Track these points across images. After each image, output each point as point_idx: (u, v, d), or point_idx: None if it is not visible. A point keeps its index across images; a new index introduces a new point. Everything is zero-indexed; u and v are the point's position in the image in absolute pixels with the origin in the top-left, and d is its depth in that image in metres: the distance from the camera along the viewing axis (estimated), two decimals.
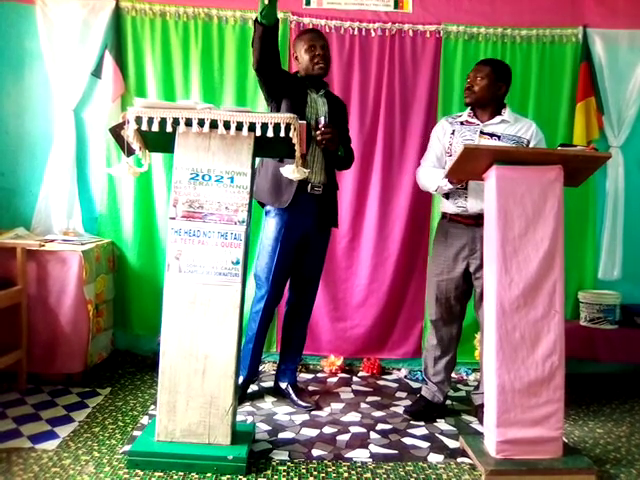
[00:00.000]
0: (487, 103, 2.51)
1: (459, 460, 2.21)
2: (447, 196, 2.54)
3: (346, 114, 2.78)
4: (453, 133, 2.55)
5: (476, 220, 2.45)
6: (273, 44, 2.31)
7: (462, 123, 2.56)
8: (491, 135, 2.49)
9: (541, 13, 3.19)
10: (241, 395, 2.63)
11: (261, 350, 2.74)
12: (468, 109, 2.58)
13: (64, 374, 2.76)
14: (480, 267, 2.44)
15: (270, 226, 2.57)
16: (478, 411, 2.57)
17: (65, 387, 2.72)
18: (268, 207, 2.60)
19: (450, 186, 2.43)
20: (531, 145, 2.48)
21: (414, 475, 2.08)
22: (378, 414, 2.63)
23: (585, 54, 3.17)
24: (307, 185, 2.51)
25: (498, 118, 2.51)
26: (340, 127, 2.61)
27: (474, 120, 2.54)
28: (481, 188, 2.41)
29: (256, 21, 2.22)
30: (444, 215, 2.60)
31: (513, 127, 2.50)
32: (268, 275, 2.56)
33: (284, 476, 2.03)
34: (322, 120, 2.44)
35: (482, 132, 2.50)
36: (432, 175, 2.53)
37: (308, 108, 2.52)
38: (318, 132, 2.41)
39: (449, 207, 2.54)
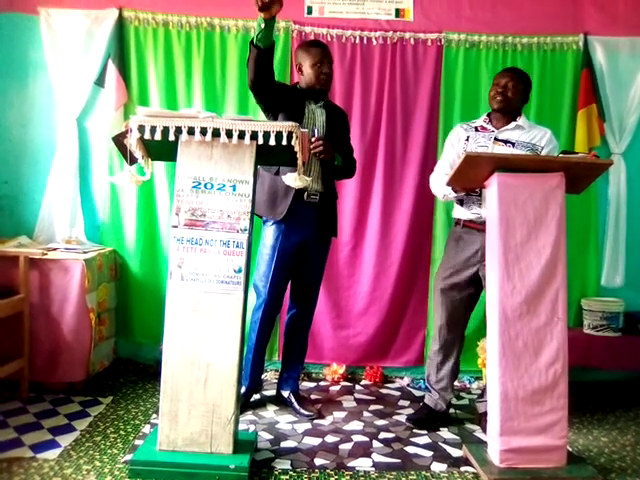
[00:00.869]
0: (513, 111, 2.52)
1: (462, 469, 2.19)
2: (461, 203, 2.54)
3: (347, 124, 2.78)
4: (467, 139, 2.55)
5: None
6: (268, 65, 2.32)
7: (477, 129, 2.56)
8: (505, 142, 2.49)
9: (542, 21, 3.21)
10: (243, 404, 2.62)
11: (262, 360, 2.74)
12: (484, 115, 2.59)
13: (66, 383, 2.75)
14: None
15: (268, 235, 2.57)
16: (481, 419, 2.55)
17: (67, 396, 2.71)
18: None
19: (454, 194, 2.43)
20: (543, 151, 2.48)
21: None
22: (381, 423, 2.62)
23: (586, 61, 3.18)
24: (304, 193, 2.52)
25: (513, 124, 2.51)
26: (339, 137, 2.62)
27: (489, 126, 2.54)
28: None
29: (252, 43, 2.24)
30: (457, 221, 2.59)
31: (528, 134, 2.50)
32: (266, 284, 2.57)
33: None
34: (315, 132, 2.45)
35: (496, 139, 2.50)
36: (439, 183, 2.55)
37: (305, 120, 2.53)
38: (312, 145, 2.41)
39: (463, 213, 2.54)
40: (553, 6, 3.22)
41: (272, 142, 2.02)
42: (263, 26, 2.14)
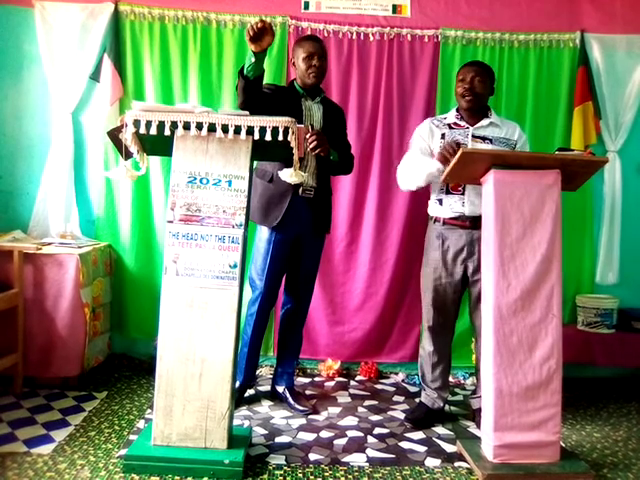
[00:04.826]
0: (481, 106, 2.53)
1: (456, 464, 2.20)
2: (440, 202, 2.53)
3: (344, 120, 2.77)
4: (443, 137, 2.54)
5: (473, 223, 2.45)
6: (257, 91, 2.29)
7: (450, 127, 2.56)
8: (483, 139, 2.50)
9: (539, 18, 3.21)
10: (238, 399, 2.62)
11: (257, 354, 2.74)
12: (453, 111, 2.59)
13: (60, 378, 2.74)
14: (477, 270, 2.44)
15: (264, 229, 2.58)
16: (475, 415, 2.56)
17: (61, 391, 2.71)
18: None
19: (440, 166, 2.34)
20: (517, 146, 2.52)
21: (411, 479, 2.08)
22: (375, 418, 2.63)
23: (583, 59, 3.18)
24: (299, 189, 2.52)
25: (486, 121, 2.52)
26: (336, 133, 2.61)
27: (463, 123, 2.54)
28: (477, 193, 2.41)
29: (241, 73, 2.21)
30: (436, 219, 2.55)
31: (501, 130, 2.53)
32: (262, 277, 2.57)
33: None
34: (310, 127, 2.45)
35: (474, 136, 2.51)
36: (418, 164, 2.47)
37: (304, 117, 2.53)
38: (308, 140, 2.39)
39: (444, 212, 2.53)
40: (550, 3, 3.22)
41: (268, 137, 2.02)
42: (253, 60, 2.12)
